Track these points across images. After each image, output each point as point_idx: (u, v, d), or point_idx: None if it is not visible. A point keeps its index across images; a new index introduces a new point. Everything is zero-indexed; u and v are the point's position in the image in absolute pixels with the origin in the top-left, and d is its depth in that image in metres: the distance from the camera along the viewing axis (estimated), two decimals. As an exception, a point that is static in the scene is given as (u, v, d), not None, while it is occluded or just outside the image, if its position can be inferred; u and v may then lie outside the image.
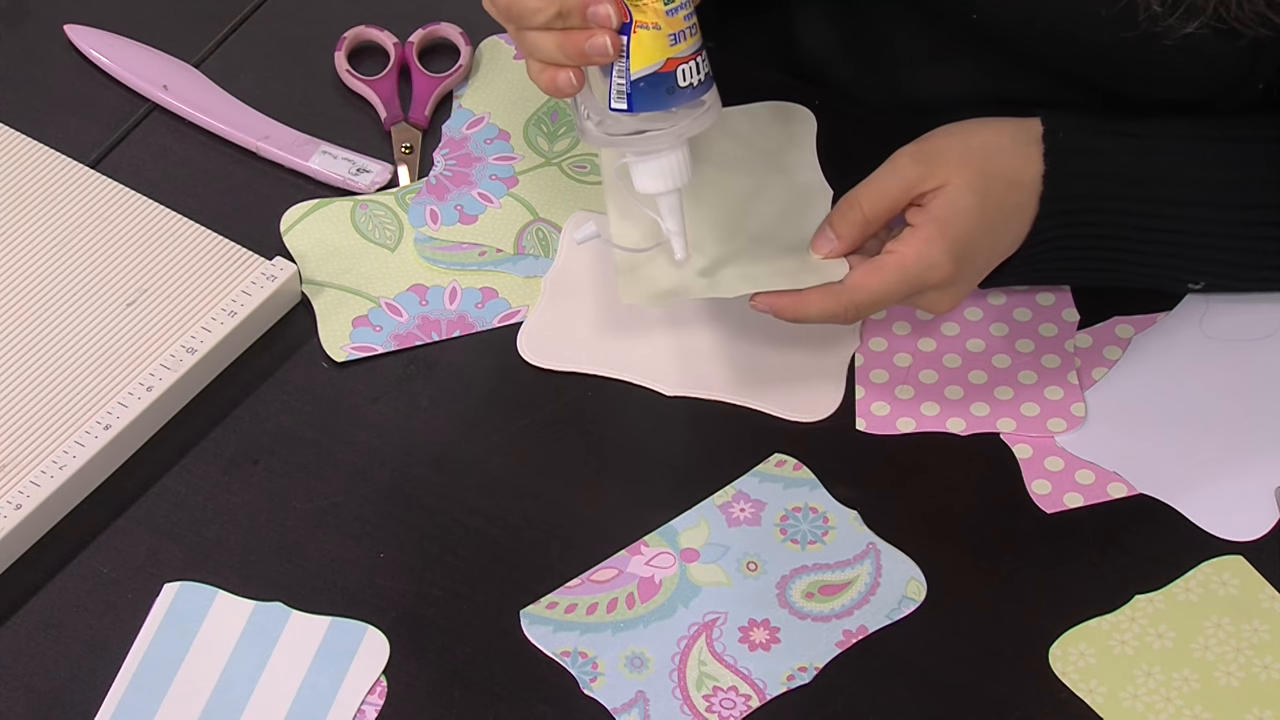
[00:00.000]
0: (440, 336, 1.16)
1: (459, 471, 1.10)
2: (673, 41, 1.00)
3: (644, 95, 1.01)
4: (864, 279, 1.05)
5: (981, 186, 1.05)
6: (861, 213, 1.06)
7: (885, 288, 1.05)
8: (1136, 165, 1.07)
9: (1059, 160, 1.06)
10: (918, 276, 1.04)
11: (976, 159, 1.06)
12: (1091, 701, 1.01)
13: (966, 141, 1.07)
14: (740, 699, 1.01)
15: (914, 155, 1.06)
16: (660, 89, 1.00)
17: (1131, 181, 1.07)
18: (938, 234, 1.04)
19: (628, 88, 1.00)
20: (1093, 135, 1.08)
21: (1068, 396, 1.12)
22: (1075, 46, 1.08)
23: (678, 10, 0.99)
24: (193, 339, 1.12)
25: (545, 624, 1.04)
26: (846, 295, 1.05)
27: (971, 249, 1.05)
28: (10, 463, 1.07)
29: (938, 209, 1.04)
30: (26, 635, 1.04)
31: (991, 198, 1.05)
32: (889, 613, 1.04)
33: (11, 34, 1.31)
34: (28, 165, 1.21)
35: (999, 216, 1.06)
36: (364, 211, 1.21)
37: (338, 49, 1.28)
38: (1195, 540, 1.07)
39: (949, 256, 1.04)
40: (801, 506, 1.08)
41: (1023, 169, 1.06)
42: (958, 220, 1.04)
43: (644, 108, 1.01)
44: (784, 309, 1.06)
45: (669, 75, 1.00)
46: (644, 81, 1.00)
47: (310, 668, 1.02)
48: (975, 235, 1.05)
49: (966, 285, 1.08)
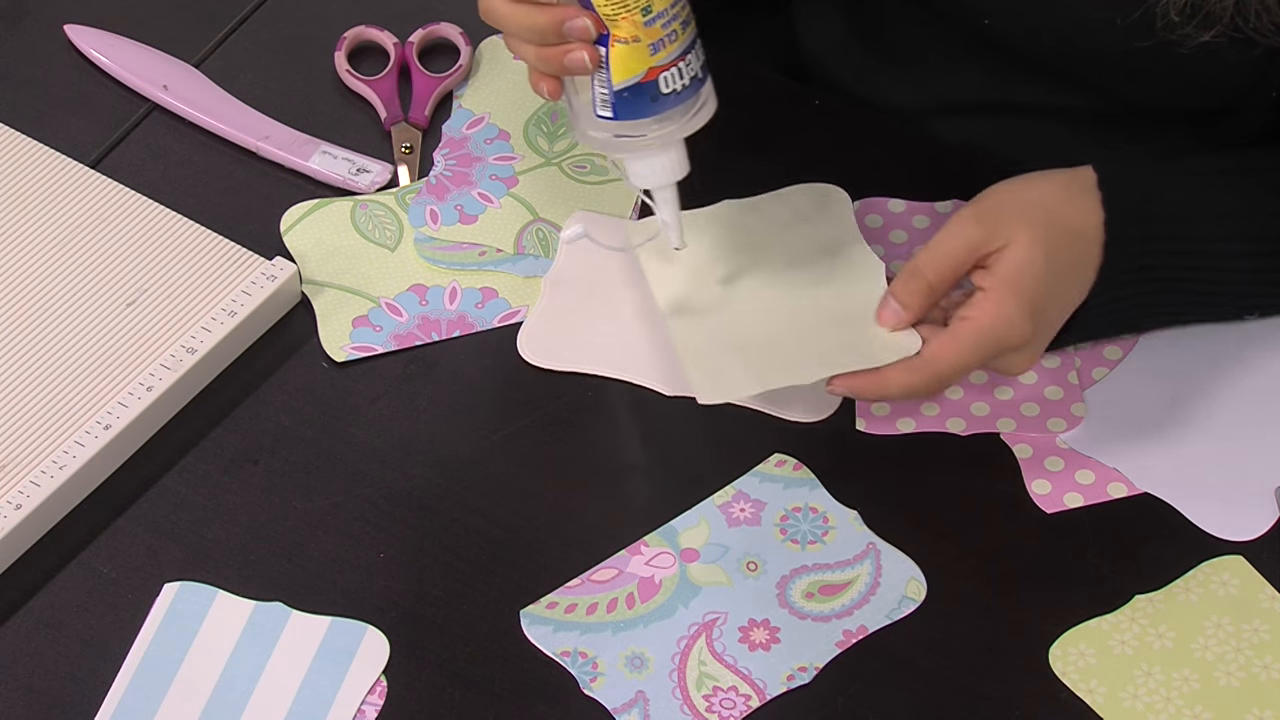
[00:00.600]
0: (440, 336, 1.16)
1: (459, 471, 1.10)
2: (653, 51, 1.00)
3: (628, 104, 1.01)
4: (943, 349, 1.04)
5: (1046, 242, 1.03)
6: (926, 280, 1.04)
7: (965, 354, 1.03)
8: (1190, 203, 1.07)
9: (1117, 206, 1.05)
10: (996, 339, 1.03)
11: (1038, 214, 1.04)
12: (1091, 701, 1.01)
13: (1023, 196, 1.05)
14: (740, 699, 1.01)
15: (974, 216, 1.04)
16: (644, 97, 1.01)
17: (1187, 219, 1.06)
18: (1010, 295, 1.03)
19: (611, 98, 1.01)
20: (1146, 177, 1.07)
21: (1068, 396, 1.12)
22: (1088, 54, 1.07)
23: (656, 20, 0.99)
24: (193, 339, 1.12)
25: (545, 624, 1.04)
26: (928, 368, 1.04)
27: (1044, 305, 1.04)
28: (10, 463, 1.07)
29: (1005, 269, 1.03)
30: (26, 635, 1.04)
31: (1057, 251, 1.04)
32: (889, 613, 1.04)
33: (11, 34, 1.31)
34: (28, 165, 1.21)
35: (1066, 270, 1.05)
36: (364, 211, 1.21)
37: (338, 49, 1.28)
38: (1195, 540, 1.07)
39: (1024, 315, 1.03)
40: (801, 506, 1.08)
41: (1084, 219, 1.05)
42: (1027, 278, 1.03)
43: (629, 116, 1.01)
44: (864, 390, 1.05)
45: (651, 84, 1.01)
46: (627, 91, 1.00)
47: (310, 668, 1.02)
48: (1046, 291, 1.04)
49: (1042, 342, 1.06)
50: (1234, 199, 1.07)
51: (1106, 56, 1.06)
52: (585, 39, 0.99)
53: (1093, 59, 1.08)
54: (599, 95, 1.01)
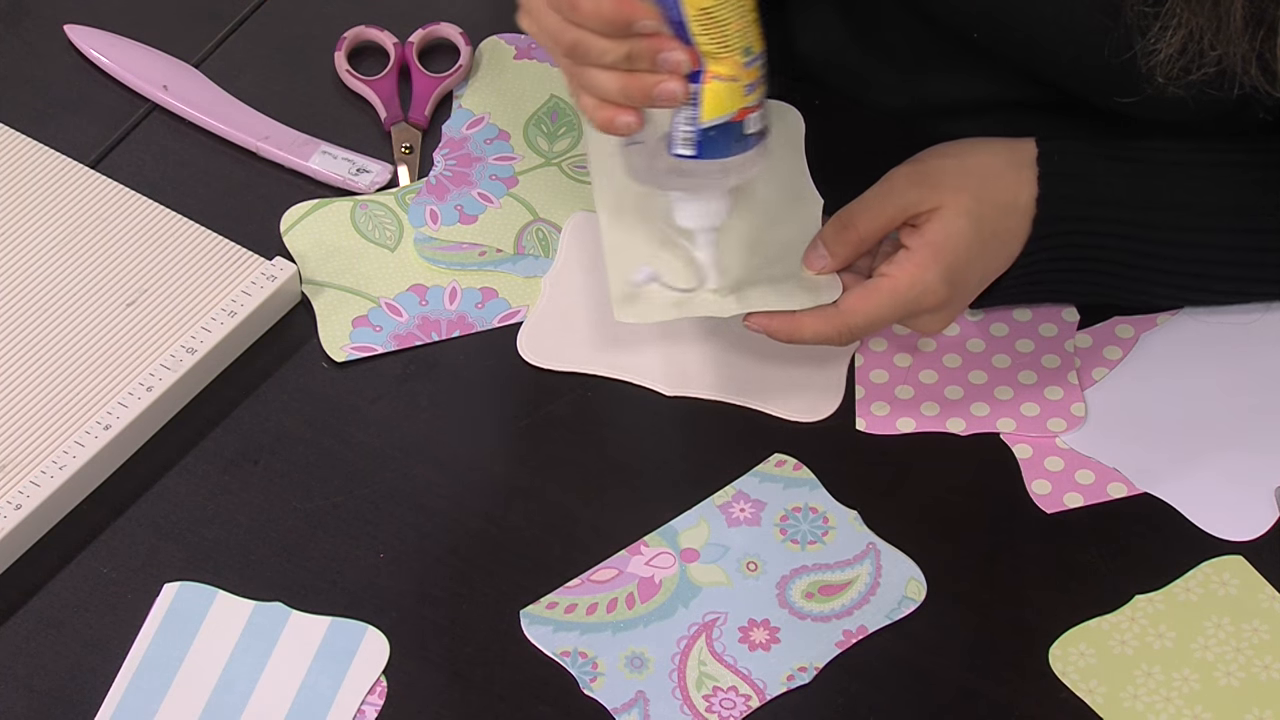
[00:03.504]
0: (440, 336, 1.16)
1: (459, 471, 1.10)
2: (746, 91, 0.99)
3: (713, 143, 1.00)
4: (858, 302, 1.05)
5: (976, 211, 1.05)
6: (856, 232, 1.06)
7: (879, 311, 1.05)
8: (1130, 189, 1.08)
9: (1052, 185, 1.07)
10: (912, 300, 1.05)
11: (972, 182, 1.06)
12: (1091, 701, 1.01)
13: (962, 163, 1.07)
14: (740, 699, 1.01)
15: (910, 177, 1.07)
16: (729, 137, 1.00)
17: (1124, 205, 1.08)
18: (932, 259, 1.04)
19: (697, 135, 1.00)
20: (1087, 159, 1.08)
21: (1068, 396, 1.12)
22: (1077, 69, 1.08)
23: (754, 61, 0.99)
24: (193, 339, 1.12)
25: (545, 624, 1.04)
26: (840, 318, 1.06)
27: (964, 273, 1.06)
28: (10, 463, 1.07)
29: (932, 233, 1.05)
30: (26, 635, 1.04)
31: (986, 222, 1.06)
32: (889, 613, 1.04)
33: (11, 34, 1.31)
34: (28, 165, 1.21)
35: (992, 240, 1.07)
36: (364, 211, 1.21)
37: (338, 49, 1.28)
38: (1195, 540, 1.07)
39: (943, 281, 1.05)
40: (801, 506, 1.08)
41: (1017, 193, 1.07)
42: (952, 245, 1.05)
43: (712, 155, 1.01)
44: (778, 330, 1.06)
45: (739, 124, 1.00)
46: (715, 130, 1.00)
47: (310, 668, 1.02)
48: (969, 260, 1.06)
49: (958, 307, 1.08)
50: (1178, 188, 1.08)
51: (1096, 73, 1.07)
52: (679, 73, 0.98)
53: (1081, 73, 1.08)
54: (682, 134, 1.00)
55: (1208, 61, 0.99)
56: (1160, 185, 1.08)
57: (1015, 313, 1.15)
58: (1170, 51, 0.99)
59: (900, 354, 1.14)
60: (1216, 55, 0.98)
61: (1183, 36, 0.99)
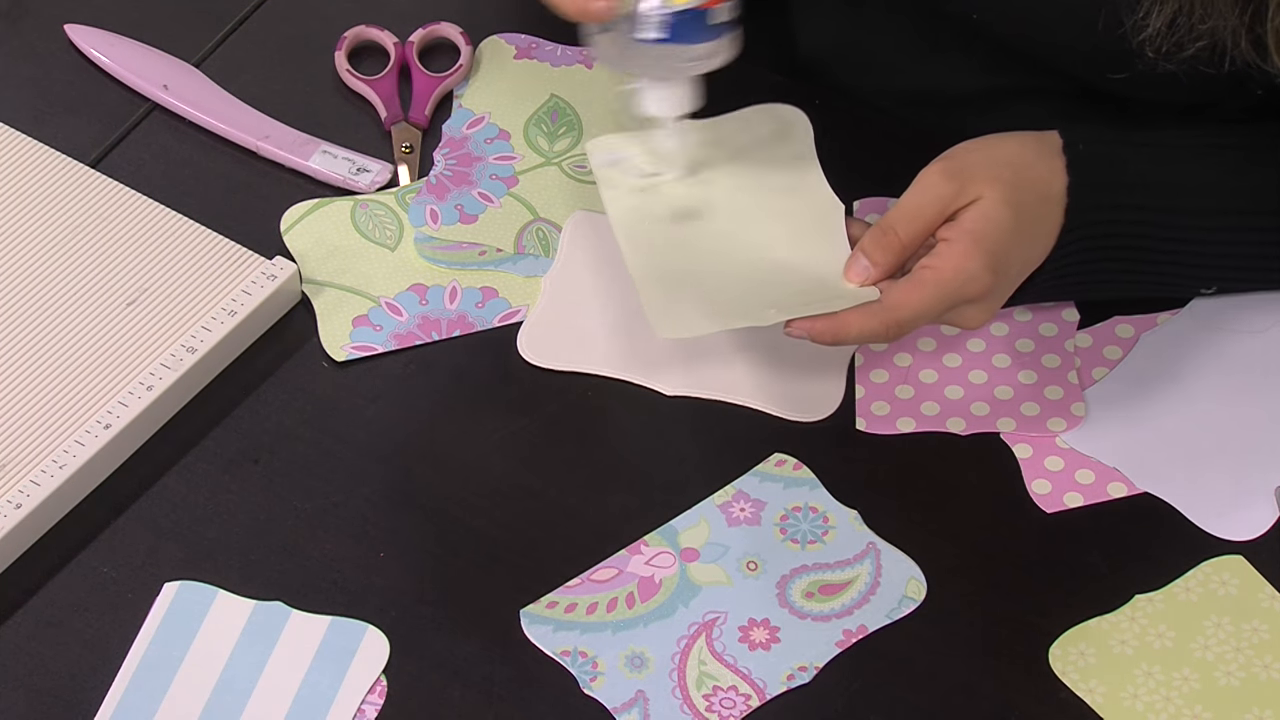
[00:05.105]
0: (440, 336, 1.16)
1: (459, 471, 1.10)
2: None
3: (685, 27, 1.02)
4: (903, 296, 1.03)
5: (1015, 200, 1.04)
6: (898, 238, 1.04)
7: (925, 303, 1.03)
8: (1155, 173, 1.07)
9: (1082, 171, 1.06)
10: (956, 290, 1.03)
11: (1007, 173, 1.04)
12: (1091, 701, 1.01)
13: (993, 155, 1.06)
14: (740, 698, 1.01)
15: (943, 173, 1.05)
16: (701, 22, 1.02)
17: (1150, 190, 1.07)
18: (974, 246, 1.03)
19: (671, 18, 1.02)
20: (1111, 145, 1.07)
21: (1068, 396, 1.12)
22: (1071, 46, 1.08)
23: None
24: (193, 339, 1.12)
25: (545, 623, 1.04)
26: (887, 314, 1.03)
27: (1006, 261, 1.04)
28: (10, 463, 1.07)
29: (972, 222, 1.03)
30: (26, 635, 1.04)
31: (1025, 209, 1.04)
32: (889, 612, 1.04)
33: (11, 34, 1.30)
34: (28, 165, 1.21)
35: (1030, 228, 1.05)
36: (364, 211, 1.21)
37: (338, 49, 1.28)
38: (1195, 540, 1.07)
39: (986, 269, 1.03)
40: (801, 506, 1.08)
41: (1050, 182, 1.06)
42: (993, 233, 1.03)
43: (682, 39, 1.02)
44: (822, 333, 1.04)
45: (707, 12, 1.02)
46: (683, 16, 1.01)
47: (310, 667, 1.02)
48: (1010, 247, 1.04)
49: (999, 298, 1.06)
50: (1202, 173, 1.08)
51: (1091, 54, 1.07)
52: None
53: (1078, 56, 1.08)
54: (650, 16, 1.02)
55: (1197, 35, 0.99)
56: (1185, 168, 1.08)
57: (1015, 313, 1.15)
58: (1160, 25, 1.00)
59: (900, 354, 1.14)
60: (1207, 28, 0.99)
61: (1172, 10, 0.99)
